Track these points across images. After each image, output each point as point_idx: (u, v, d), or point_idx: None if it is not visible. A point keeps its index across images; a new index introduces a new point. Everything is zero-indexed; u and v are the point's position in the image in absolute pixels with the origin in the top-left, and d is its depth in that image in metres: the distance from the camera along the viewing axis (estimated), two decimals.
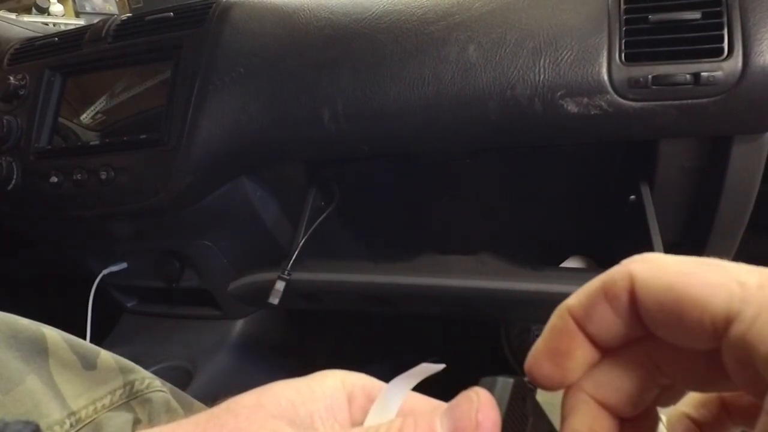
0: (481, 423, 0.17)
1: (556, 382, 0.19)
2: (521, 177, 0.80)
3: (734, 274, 0.16)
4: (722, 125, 0.52)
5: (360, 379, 0.22)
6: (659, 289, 0.16)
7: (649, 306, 0.17)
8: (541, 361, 0.19)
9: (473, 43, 0.56)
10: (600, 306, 0.18)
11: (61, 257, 0.93)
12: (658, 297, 0.16)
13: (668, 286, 0.16)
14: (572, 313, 0.18)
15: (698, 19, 0.50)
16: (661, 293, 0.16)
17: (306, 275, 0.68)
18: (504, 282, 0.60)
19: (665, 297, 0.16)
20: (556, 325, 0.19)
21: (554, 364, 0.19)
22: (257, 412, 0.19)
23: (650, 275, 0.17)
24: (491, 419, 0.17)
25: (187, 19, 0.71)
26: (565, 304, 0.19)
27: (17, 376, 0.32)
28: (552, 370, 0.19)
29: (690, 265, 0.16)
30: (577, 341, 0.18)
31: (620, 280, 0.17)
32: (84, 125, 0.75)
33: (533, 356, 0.19)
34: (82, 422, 0.34)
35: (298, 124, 0.62)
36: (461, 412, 0.18)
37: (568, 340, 0.18)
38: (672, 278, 0.16)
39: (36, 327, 0.35)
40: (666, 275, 0.16)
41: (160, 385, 0.40)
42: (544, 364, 0.19)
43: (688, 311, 0.16)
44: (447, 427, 0.18)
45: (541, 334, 0.19)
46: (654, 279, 0.17)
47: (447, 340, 1.11)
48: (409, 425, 0.18)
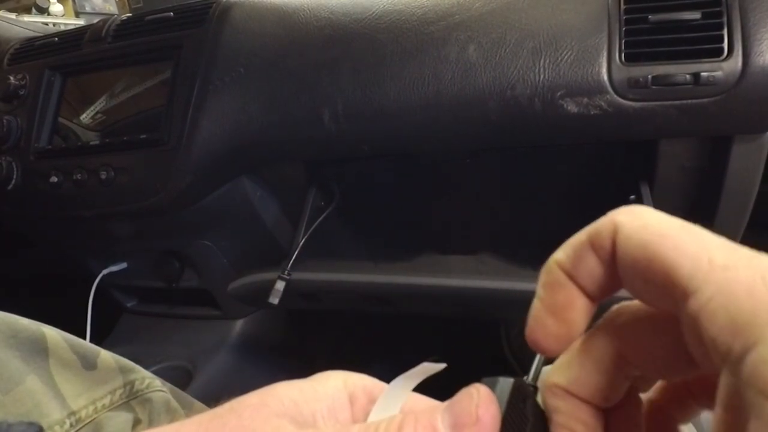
0: (481, 418, 0.17)
1: (563, 339, 0.19)
2: (521, 177, 0.80)
3: (710, 249, 0.15)
4: (722, 125, 0.52)
5: (362, 379, 0.22)
6: (636, 244, 0.16)
7: (624, 259, 0.17)
8: (543, 320, 0.19)
9: (473, 43, 0.56)
10: (587, 256, 0.18)
11: (61, 257, 0.93)
12: (632, 252, 0.16)
13: (644, 243, 0.16)
14: (561, 266, 0.18)
15: (698, 19, 0.50)
16: (637, 249, 0.16)
17: (306, 275, 0.68)
18: (504, 282, 0.60)
19: (639, 253, 0.16)
20: (549, 281, 0.19)
21: (557, 319, 0.18)
22: (260, 411, 0.19)
23: (632, 228, 0.17)
24: (491, 414, 0.18)
25: (187, 19, 0.71)
26: (553, 259, 0.19)
27: (17, 375, 0.32)
28: (557, 326, 0.18)
29: (672, 228, 0.16)
30: (573, 291, 0.18)
31: (605, 230, 0.17)
32: (84, 125, 0.75)
33: (534, 318, 0.19)
34: (82, 422, 0.34)
35: (298, 124, 0.62)
36: (461, 407, 0.18)
37: (564, 291, 0.18)
38: (649, 236, 0.16)
39: (36, 327, 0.35)
40: (645, 232, 0.16)
41: (160, 385, 0.40)
42: (547, 322, 0.18)
43: (654, 272, 0.16)
44: (447, 423, 0.18)
45: (536, 295, 0.19)
46: (634, 233, 0.17)
47: (447, 340, 1.11)
48: (410, 421, 0.18)
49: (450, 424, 0.18)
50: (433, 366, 0.20)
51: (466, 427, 0.17)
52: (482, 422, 0.17)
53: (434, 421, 0.18)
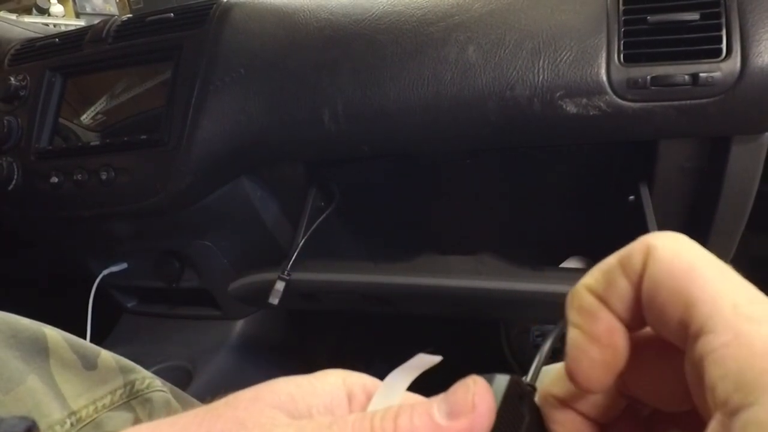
0: (477, 406, 0.17)
1: (611, 368, 0.17)
2: (521, 177, 0.80)
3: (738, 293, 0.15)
4: (721, 126, 0.52)
5: (361, 378, 0.23)
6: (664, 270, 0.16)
7: (649, 283, 0.16)
8: (586, 349, 0.17)
9: (473, 44, 0.56)
10: (618, 280, 0.17)
11: (62, 257, 0.93)
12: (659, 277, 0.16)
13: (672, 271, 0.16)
14: (592, 291, 0.18)
15: (697, 20, 0.50)
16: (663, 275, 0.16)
17: (306, 275, 0.68)
18: (503, 282, 0.60)
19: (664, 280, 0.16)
20: (583, 306, 0.18)
21: (602, 346, 0.17)
22: (255, 403, 0.19)
23: (664, 253, 0.16)
24: (486, 403, 0.18)
25: (187, 20, 0.72)
26: (582, 284, 0.18)
27: (18, 375, 0.32)
28: (603, 354, 0.17)
29: (704, 262, 0.16)
30: (611, 317, 0.17)
31: (637, 252, 0.17)
32: (84, 126, 0.75)
33: (574, 347, 0.18)
34: (83, 422, 0.34)
35: (298, 124, 0.62)
36: (457, 396, 0.18)
37: (604, 317, 0.17)
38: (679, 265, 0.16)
39: (36, 327, 0.35)
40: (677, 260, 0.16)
41: (161, 385, 0.40)
42: (591, 350, 0.17)
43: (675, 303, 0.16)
44: (443, 411, 0.18)
45: (570, 323, 0.18)
46: (665, 259, 0.16)
47: (447, 340, 1.11)
48: (407, 410, 0.18)
49: (446, 413, 0.18)
50: (429, 358, 0.20)
51: (462, 415, 0.17)
52: (478, 411, 0.17)
53: (430, 410, 0.18)
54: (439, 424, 0.18)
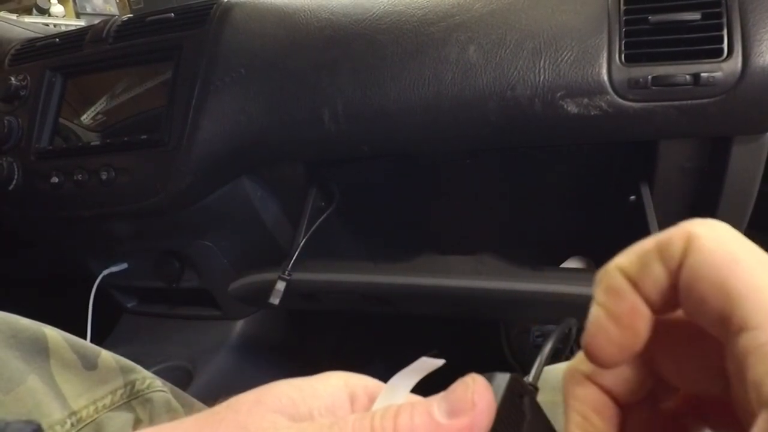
0: (476, 404, 0.17)
1: (627, 348, 0.17)
2: (521, 177, 0.80)
3: None
4: (722, 126, 0.52)
5: (362, 380, 0.23)
6: (707, 261, 0.16)
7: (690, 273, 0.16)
8: (606, 327, 0.17)
9: (473, 44, 0.56)
10: (654, 265, 0.17)
11: (62, 257, 0.93)
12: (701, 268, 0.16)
13: (716, 262, 0.15)
14: (625, 272, 0.17)
15: (698, 20, 0.50)
16: (706, 267, 0.16)
17: (306, 275, 0.68)
18: (503, 282, 0.60)
19: (706, 272, 0.16)
20: (612, 286, 0.17)
21: (621, 327, 0.17)
22: (257, 407, 0.19)
23: (707, 243, 0.16)
24: (486, 401, 0.18)
25: (187, 20, 0.72)
26: (615, 264, 0.18)
27: (18, 375, 0.32)
28: (621, 334, 0.17)
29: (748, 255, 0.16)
30: (638, 300, 0.17)
31: (678, 240, 0.17)
32: (84, 126, 0.75)
33: (595, 325, 0.17)
34: (83, 422, 0.34)
35: (299, 124, 0.62)
36: (457, 395, 0.18)
37: (630, 298, 0.17)
38: (722, 257, 0.15)
39: (37, 327, 0.35)
40: (720, 251, 0.16)
41: (161, 385, 0.40)
42: (610, 329, 0.17)
43: (716, 295, 0.15)
44: (443, 409, 0.18)
45: (595, 300, 0.18)
46: (709, 249, 0.16)
47: (447, 340, 1.11)
48: (407, 408, 0.18)
49: (446, 411, 0.18)
50: (432, 361, 0.20)
51: (462, 413, 0.17)
52: (478, 409, 0.17)
53: (430, 409, 0.18)
54: (439, 422, 0.18)
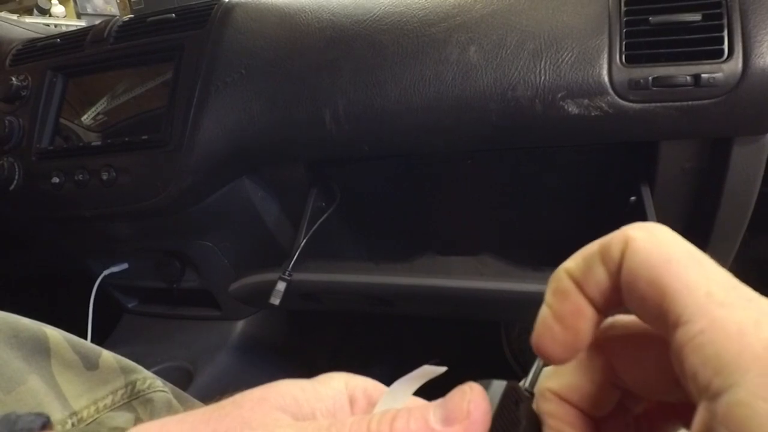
0: (471, 413, 0.18)
1: (570, 347, 0.18)
2: (522, 178, 0.80)
3: (711, 282, 0.15)
4: (722, 127, 0.52)
5: (363, 381, 0.23)
6: (641, 261, 0.16)
7: (627, 273, 0.17)
8: (551, 327, 0.18)
9: (474, 45, 0.56)
10: (596, 267, 0.18)
11: (62, 258, 0.93)
12: (635, 268, 0.17)
13: (648, 262, 0.16)
14: (570, 274, 0.18)
15: (698, 21, 0.50)
16: (640, 266, 0.16)
17: (307, 276, 0.68)
18: (504, 283, 0.60)
19: (641, 272, 0.16)
20: (557, 288, 0.18)
21: (564, 327, 0.18)
22: (261, 404, 0.20)
23: (641, 245, 0.17)
24: (481, 411, 0.18)
25: (188, 21, 0.72)
26: (563, 267, 0.19)
27: (19, 375, 0.32)
28: (564, 334, 0.18)
29: (680, 253, 0.16)
30: (581, 301, 0.18)
31: (616, 242, 0.17)
32: (85, 126, 0.75)
33: (541, 324, 0.19)
34: (84, 422, 0.34)
35: (300, 125, 0.62)
36: (453, 403, 0.18)
37: (573, 300, 0.18)
38: (656, 257, 0.16)
39: (38, 327, 0.35)
40: (654, 252, 0.16)
41: (162, 385, 0.40)
42: (554, 329, 0.18)
43: (652, 294, 0.16)
44: (439, 417, 0.18)
45: (545, 301, 0.19)
46: (642, 250, 0.17)
47: (447, 340, 1.11)
48: (404, 414, 0.18)
49: (441, 419, 0.18)
50: (433, 369, 0.20)
51: (457, 421, 0.18)
52: (473, 418, 0.18)
53: (427, 415, 0.18)
54: (434, 429, 0.18)
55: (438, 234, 0.90)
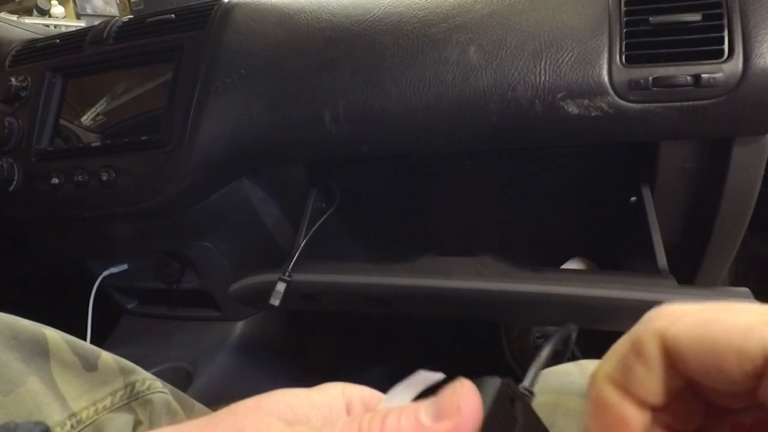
0: (461, 408, 0.18)
1: None
2: (522, 178, 0.80)
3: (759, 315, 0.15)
4: (723, 127, 0.52)
5: (360, 390, 0.23)
6: (692, 342, 0.16)
7: (687, 360, 0.17)
8: None
9: (474, 45, 0.56)
10: (637, 368, 0.18)
11: (62, 258, 0.93)
12: (692, 350, 0.16)
13: (699, 337, 0.16)
14: (612, 380, 0.18)
15: (699, 21, 0.50)
16: (695, 346, 0.16)
17: (307, 276, 0.68)
18: (504, 284, 0.60)
19: (700, 349, 0.16)
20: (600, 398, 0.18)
21: None
22: (255, 411, 0.20)
23: (678, 330, 0.17)
24: (472, 406, 0.18)
25: (188, 21, 0.72)
26: (601, 372, 0.18)
27: (18, 377, 0.32)
28: None
29: (712, 312, 0.16)
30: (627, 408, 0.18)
31: (650, 340, 0.17)
32: (84, 127, 0.75)
33: None
34: (83, 423, 0.34)
35: (299, 125, 0.62)
36: (445, 399, 0.18)
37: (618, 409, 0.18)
38: (700, 329, 0.16)
39: (37, 328, 0.35)
40: (693, 327, 0.16)
41: (161, 387, 0.40)
42: None
43: (724, 358, 0.16)
44: (430, 413, 0.18)
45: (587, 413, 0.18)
46: (683, 333, 0.17)
47: (447, 341, 1.11)
48: (395, 411, 0.19)
49: (432, 414, 0.18)
50: (430, 375, 0.20)
51: (447, 417, 0.18)
52: (463, 413, 0.18)
53: (418, 413, 0.18)
54: (424, 425, 0.18)
55: (438, 234, 0.90)
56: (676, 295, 0.53)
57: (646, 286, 0.54)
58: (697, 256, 0.62)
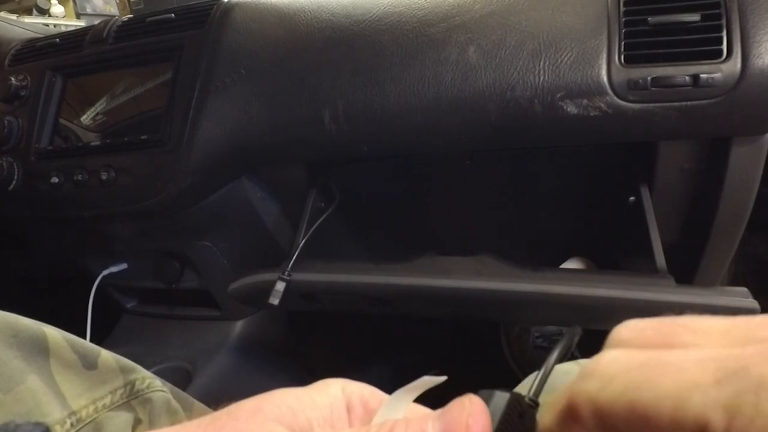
0: (470, 427, 0.17)
1: None
2: (521, 178, 0.80)
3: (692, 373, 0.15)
4: (721, 127, 0.52)
5: (360, 388, 0.23)
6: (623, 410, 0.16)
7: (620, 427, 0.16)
8: None
9: (473, 45, 0.56)
10: (575, 427, 0.17)
11: (62, 257, 0.93)
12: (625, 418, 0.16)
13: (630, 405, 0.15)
14: None
15: (697, 21, 0.50)
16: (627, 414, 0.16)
17: (306, 276, 0.68)
18: (503, 283, 0.60)
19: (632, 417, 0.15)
20: None
21: None
22: (256, 415, 0.20)
23: (609, 396, 0.16)
24: (481, 425, 0.18)
25: (188, 21, 0.72)
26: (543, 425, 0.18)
27: (18, 375, 0.32)
28: None
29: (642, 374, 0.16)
30: None
31: (582, 403, 0.17)
32: (84, 126, 0.75)
33: None
34: (83, 422, 0.34)
35: (299, 125, 0.62)
36: (452, 416, 0.18)
37: None
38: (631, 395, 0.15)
39: (37, 326, 0.35)
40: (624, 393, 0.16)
41: (161, 385, 0.40)
42: None
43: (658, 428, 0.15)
44: (438, 430, 0.18)
45: None
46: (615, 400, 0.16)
47: (447, 341, 1.11)
48: (402, 425, 0.18)
49: (440, 431, 0.18)
50: (433, 379, 0.20)
51: None
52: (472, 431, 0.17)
53: (425, 427, 0.18)
54: None
55: (437, 234, 0.90)
56: (675, 294, 0.53)
57: (644, 285, 0.54)
58: (696, 256, 0.63)
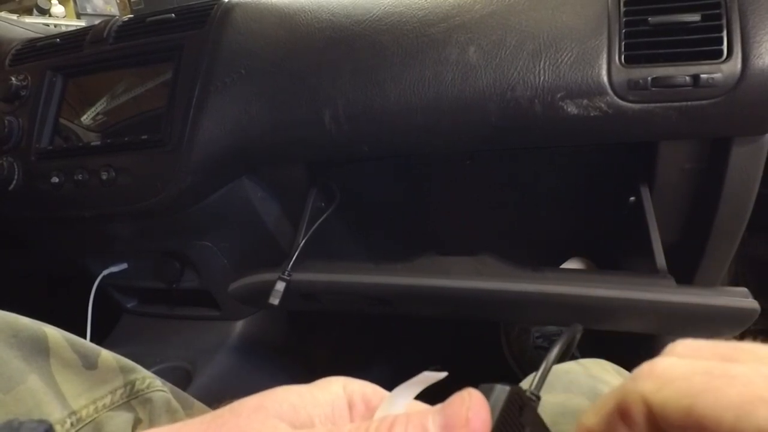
0: (471, 421, 0.17)
1: None
2: (521, 178, 0.80)
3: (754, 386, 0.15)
4: (721, 127, 0.52)
5: (361, 386, 0.23)
6: (679, 414, 0.16)
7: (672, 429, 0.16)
8: None
9: (473, 45, 0.56)
10: (620, 429, 0.17)
11: (62, 257, 0.93)
12: (679, 421, 0.16)
13: (687, 410, 0.15)
14: None
15: (697, 22, 0.50)
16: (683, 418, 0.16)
17: (306, 276, 0.68)
18: (503, 283, 0.60)
19: (688, 422, 0.16)
20: None
21: None
22: (258, 412, 0.20)
23: (665, 398, 0.16)
24: (481, 418, 0.18)
25: (188, 21, 0.72)
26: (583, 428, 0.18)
27: (18, 375, 0.32)
28: None
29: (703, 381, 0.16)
30: None
31: (634, 403, 0.17)
32: (85, 126, 0.75)
33: None
34: (83, 422, 0.34)
35: (299, 125, 0.63)
36: (453, 410, 0.18)
37: None
38: (689, 401, 0.15)
39: (37, 326, 0.35)
40: (682, 397, 0.16)
41: (161, 385, 0.40)
42: None
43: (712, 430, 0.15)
44: (438, 424, 0.18)
45: None
46: (671, 402, 0.16)
47: (447, 341, 1.11)
48: (402, 421, 0.18)
49: (440, 426, 0.18)
50: (434, 375, 0.20)
51: (456, 429, 0.18)
52: (472, 425, 0.17)
53: (425, 422, 0.18)
54: None
55: (437, 234, 0.90)
56: (675, 294, 0.53)
57: (644, 285, 0.54)
58: (696, 256, 0.63)
